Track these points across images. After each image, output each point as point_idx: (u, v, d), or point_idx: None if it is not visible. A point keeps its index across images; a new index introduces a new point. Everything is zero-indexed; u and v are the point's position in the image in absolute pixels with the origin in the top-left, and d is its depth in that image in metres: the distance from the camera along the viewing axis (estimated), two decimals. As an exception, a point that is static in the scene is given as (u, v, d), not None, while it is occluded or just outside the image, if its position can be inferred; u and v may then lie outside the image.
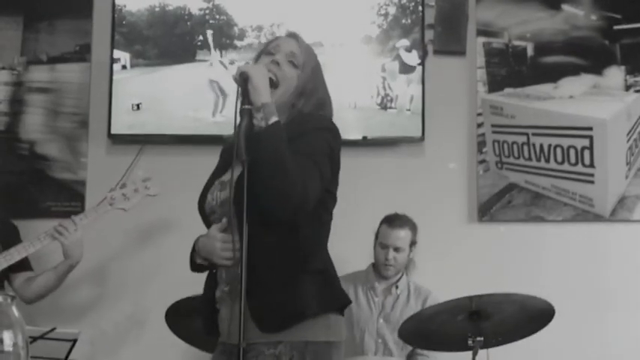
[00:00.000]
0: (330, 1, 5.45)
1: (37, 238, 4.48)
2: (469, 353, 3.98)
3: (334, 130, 2.88)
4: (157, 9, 5.46)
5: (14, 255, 4.43)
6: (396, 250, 4.71)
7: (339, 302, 2.86)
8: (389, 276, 4.75)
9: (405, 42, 5.35)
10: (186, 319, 4.07)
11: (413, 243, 4.77)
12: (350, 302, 2.91)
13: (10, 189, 5.33)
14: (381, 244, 4.74)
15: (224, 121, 5.18)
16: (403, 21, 5.38)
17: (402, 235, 4.72)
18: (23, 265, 4.59)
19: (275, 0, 5.40)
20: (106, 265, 5.27)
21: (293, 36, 3.02)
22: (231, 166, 2.72)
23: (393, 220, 4.75)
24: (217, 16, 5.43)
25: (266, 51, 2.96)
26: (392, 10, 5.39)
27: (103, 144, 5.39)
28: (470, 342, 3.92)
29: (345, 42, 5.38)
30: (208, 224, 2.91)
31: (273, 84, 2.84)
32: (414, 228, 4.77)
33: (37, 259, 4.73)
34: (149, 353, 5.03)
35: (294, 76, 2.90)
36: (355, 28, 5.40)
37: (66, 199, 5.28)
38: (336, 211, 2.93)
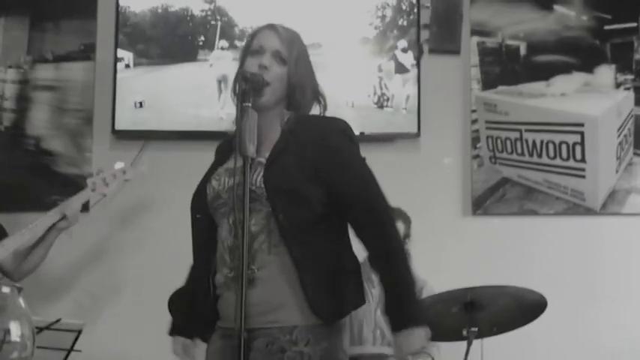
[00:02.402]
0: (329, 2, 5.44)
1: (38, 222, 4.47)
2: (464, 343, 3.97)
3: (355, 138, 2.98)
4: (160, 10, 5.45)
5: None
6: None
7: (362, 301, 2.93)
8: None
9: (401, 43, 5.35)
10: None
11: (406, 236, 4.75)
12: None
13: (16, 183, 5.32)
14: None
15: (225, 117, 5.17)
16: (400, 22, 5.37)
17: None
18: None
19: (275, 1, 5.38)
20: (108, 256, 5.27)
21: (272, 28, 2.95)
22: (233, 156, 2.75)
23: None
24: (218, 17, 5.42)
25: (250, 51, 2.91)
26: (389, 11, 5.38)
27: (106, 140, 5.38)
28: (464, 332, 3.91)
29: (343, 43, 5.37)
30: (202, 212, 2.90)
31: (265, 84, 2.81)
32: (407, 221, 4.75)
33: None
34: (148, 338, 5.04)
35: (284, 73, 2.87)
36: (353, 29, 5.39)
37: (71, 193, 5.21)
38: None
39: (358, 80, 5.35)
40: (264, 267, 2.75)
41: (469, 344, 3.93)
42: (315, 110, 3.00)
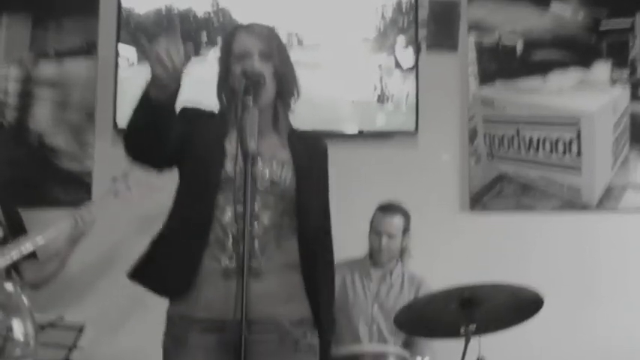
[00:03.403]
0: (331, 3, 5.42)
1: (54, 225, 4.44)
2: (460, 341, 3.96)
3: None
4: (164, 12, 5.43)
5: (28, 246, 4.39)
6: (389, 236, 4.70)
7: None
8: (383, 262, 4.73)
9: (401, 40, 5.34)
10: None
11: (406, 230, 4.76)
12: None
13: (19, 179, 5.31)
14: (375, 231, 4.73)
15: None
16: (400, 21, 5.35)
17: (395, 222, 4.71)
18: (32, 253, 4.54)
19: (277, 3, 5.37)
20: (114, 251, 5.25)
21: (248, 29, 2.92)
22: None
23: (386, 208, 4.75)
24: (221, 19, 5.41)
25: (235, 56, 2.88)
26: (389, 10, 5.36)
27: (108, 136, 5.36)
28: (462, 330, 3.89)
29: (345, 42, 5.35)
30: (203, 188, 2.83)
31: (261, 86, 2.79)
32: (406, 216, 4.76)
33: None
34: (151, 335, 5.03)
35: (272, 71, 2.87)
36: (354, 28, 5.37)
37: (73, 188, 5.27)
38: (333, 201, 3.00)
39: (359, 78, 5.33)
40: (271, 260, 2.77)
41: (467, 341, 3.91)
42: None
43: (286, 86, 2.91)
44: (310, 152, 2.94)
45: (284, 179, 2.81)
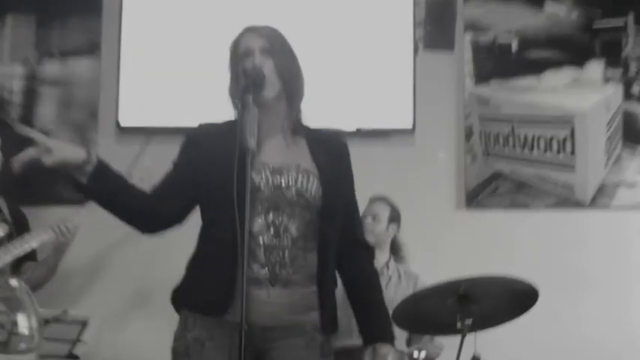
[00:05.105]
0: (335, 2, 5.43)
1: (39, 234, 4.41)
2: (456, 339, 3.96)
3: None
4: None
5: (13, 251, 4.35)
6: (374, 217, 4.67)
7: None
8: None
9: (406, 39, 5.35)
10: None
11: (392, 220, 4.71)
12: None
13: (23, 177, 5.29)
14: (362, 215, 4.73)
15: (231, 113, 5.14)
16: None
17: (381, 206, 4.69)
18: (31, 254, 4.50)
19: (283, 2, 5.38)
20: (116, 248, 5.26)
21: (250, 30, 2.93)
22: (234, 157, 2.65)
23: (373, 198, 4.74)
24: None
25: (240, 55, 2.87)
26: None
27: (111, 134, 5.38)
28: (458, 324, 3.89)
29: (349, 40, 5.35)
30: (223, 198, 2.69)
31: (260, 84, 2.78)
32: (394, 207, 4.71)
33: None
34: (155, 330, 5.04)
35: (274, 66, 2.84)
36: (359, 27, 5.37)
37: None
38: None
39: (361, 77, 5.33)
40: (298, 271, 2.77)
41: (463, 336, 3.91)
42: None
43: (291, 83, 2.88)
44: (333, 158, 2.90)
45: (310, 191, 2.78)
